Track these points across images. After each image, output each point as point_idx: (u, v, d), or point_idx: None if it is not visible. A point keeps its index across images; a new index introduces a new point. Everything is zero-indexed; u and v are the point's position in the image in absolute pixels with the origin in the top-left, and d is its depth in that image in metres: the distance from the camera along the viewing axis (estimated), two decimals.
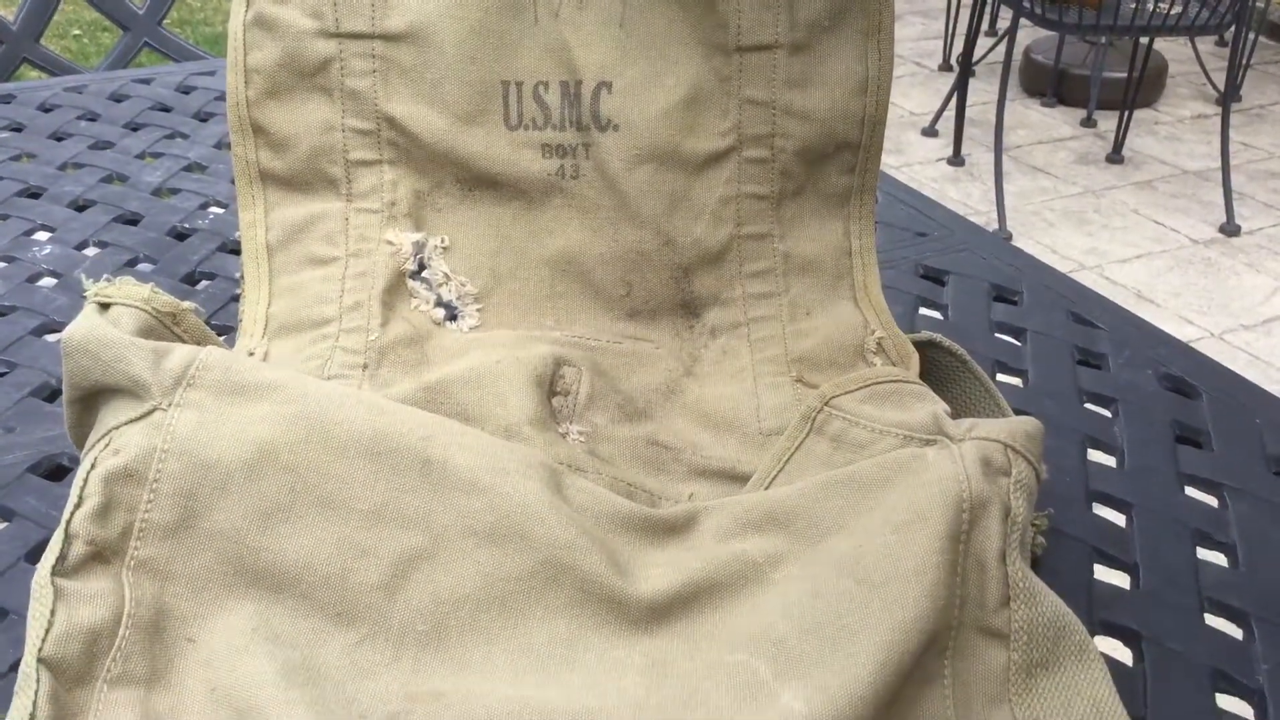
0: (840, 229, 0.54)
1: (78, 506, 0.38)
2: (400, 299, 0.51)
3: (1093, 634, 0.43)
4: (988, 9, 3.25)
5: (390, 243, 0.52)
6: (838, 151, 0.53)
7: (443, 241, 0.52)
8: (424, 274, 0.52)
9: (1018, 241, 2.61)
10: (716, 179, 0.53)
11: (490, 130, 0.52)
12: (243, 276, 0.51)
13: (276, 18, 0.51)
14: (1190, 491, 0.53)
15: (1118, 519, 0.51)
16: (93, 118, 0.86)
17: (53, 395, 0.56)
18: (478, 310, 0.52)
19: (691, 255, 0.53)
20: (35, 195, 0.75)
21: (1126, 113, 2.98)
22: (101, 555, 0.37)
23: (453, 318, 0.52)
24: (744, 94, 0.52)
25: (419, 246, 0.52)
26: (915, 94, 3.38)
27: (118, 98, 0.90)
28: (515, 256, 0.53)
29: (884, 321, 0.53)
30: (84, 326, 0.41)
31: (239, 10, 0.51)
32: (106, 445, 0.39)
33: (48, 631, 0.35)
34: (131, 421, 0.39)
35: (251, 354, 0.48)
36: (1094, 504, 0.52)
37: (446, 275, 0.52)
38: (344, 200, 0.52)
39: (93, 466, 0.38)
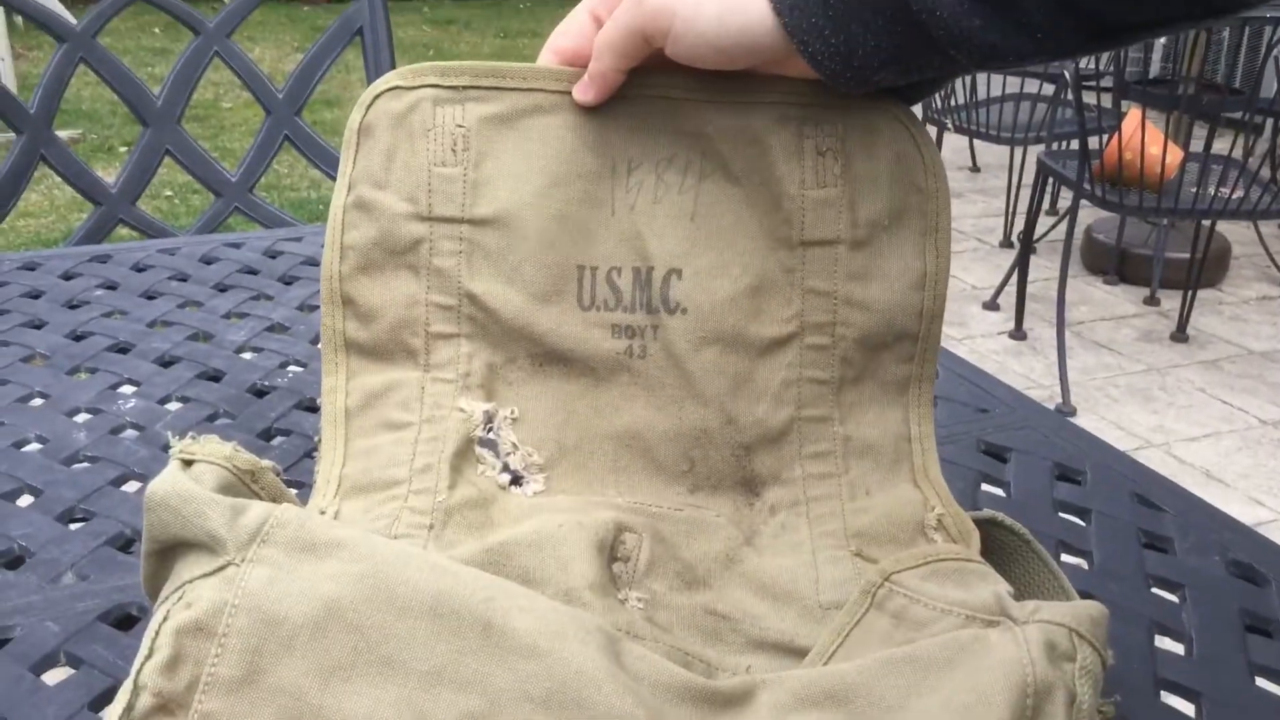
0: (899, 416, 0.56)
1: (148, 658, 0.38)
2: (468, 463, 0.53)
3: None
4: (1048, 189, 3.30)
5: (462, 410, 0.54)
6: (897, 341, 0.56)
7: (512, 413, 0.55)
8: (493, 441, 0.54)
9: (1082, 417, 2.59)
10: (779, 363, 0.55)
11: (564, 309, 0.55)
12: (320, 438, 0.54)
13: (375, 201, 0.55)
14: (1261, 683, 0.51)
15: (1187, 709, 0.50)
16: (183, 278, 0.91)
17: (127, 545, 0.57)
18: (543, 477, 0.53)
19: (753, 435, 0.55)
20: (124, 350, 0.78)
21: (1190, 292, 2.98)
22: (167, 707, 0.38)
23: (518, 483, 0.53)
24: (807, 284, 0.55)
25: (489, 416, 0.54)
26: (977, 269, 3.41)
27: (208, 260, 0.94)
28: (581, 430, 0.55)
29: (944, 499, 0.53)
30: (168, 482, 0.42)
31: (340, 192, 0.55)
32: (180, 598, 0.40)
33: None
34: (206, 576, 0.40)
35: (323, 512, 0.50)
36: (1162, 692, 0.50)
37: (514, 445, 0.54)
38: (421, 370, 0.55)
39: (165, 619, 0.39)
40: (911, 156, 0.55)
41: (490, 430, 0.54)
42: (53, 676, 0.48)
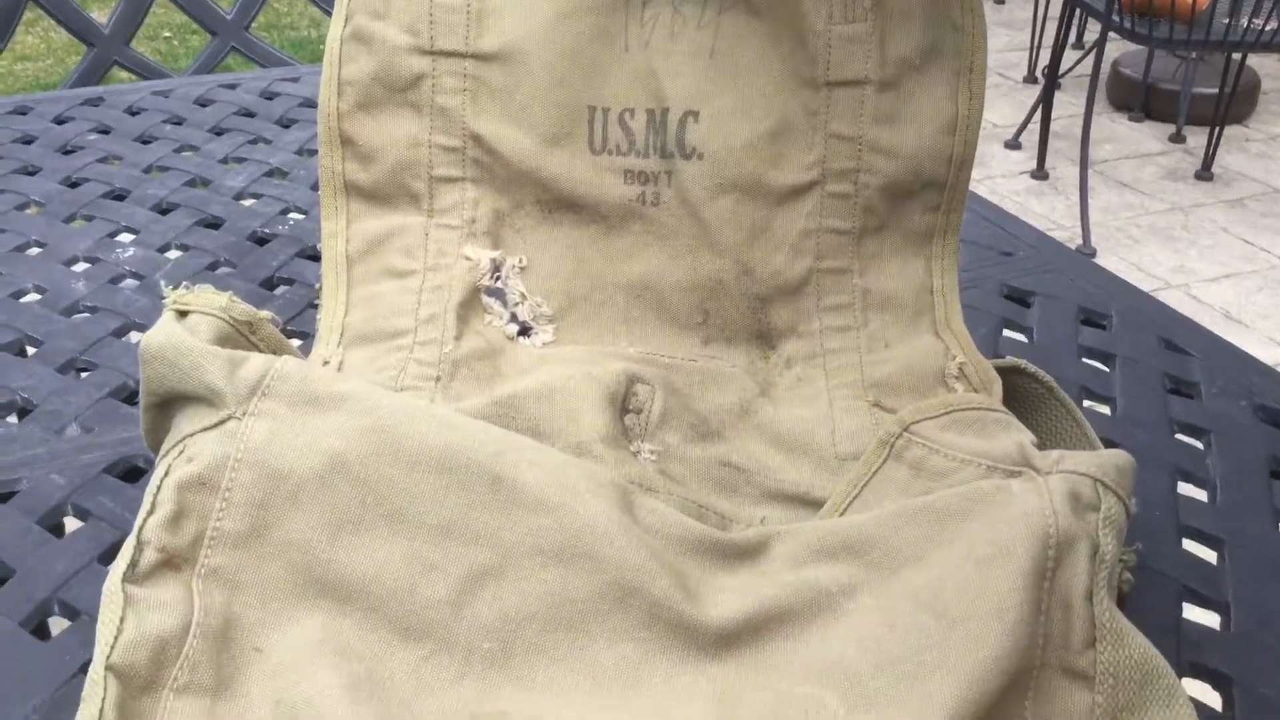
0: (922, 267, 0.54)
1: (150, 513, 0.38)
2: (475, 313, 0.51)
3: (1181, 676, 0.41)
4: (1075, 22, 3.19)
5: (468, 258, 0.52)
6: (923, 190, 0.53)
7: (520, 261, 0.53)
8: (500, 291, 0.52)
9: (1102, 258, 2.56)
10: (798, 212, 0.52)
11: (574, 153, 0.52)
12: (321, 286, 0.52)
13: (373, 33, 0.52)
14: None
15: (1209, 556, 0.49)
16: (178, 122, 0.88)
17: (131, 397, 0.56)
18: (552, 328, 0.52)
19: (769, 286, 0.53)
20: (120, 197, 0.76)
21: (1217, 129, 2.90)
22: (172, 563, 0.37)
23: (526, 334, 0.52)
24: (830, 128, 0.52)
25: (496, 264, 0.52)
26: (999, 106, 3.33)
27: (203, 102, 0.91)
28: (591, 280, 0.53)
29: (965, 348, 0.51)
30: (162, 334, 0.41)
31: (337, 24, 0.52)
32: (181, 453, 0.39)
33: (116, 638, 0.35)
34: (206, 430, 0.40)
35: (326, 363, 0.49)
36: (1184, 540, 0.50)
37: (523, 294, 0.52)
38: (425, 215, 0.53)
39: (166, 473, 0.39)
40: None
41: (497, 279, 0.52)
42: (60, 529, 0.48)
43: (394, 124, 0.52)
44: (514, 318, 0.52)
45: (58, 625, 0.44)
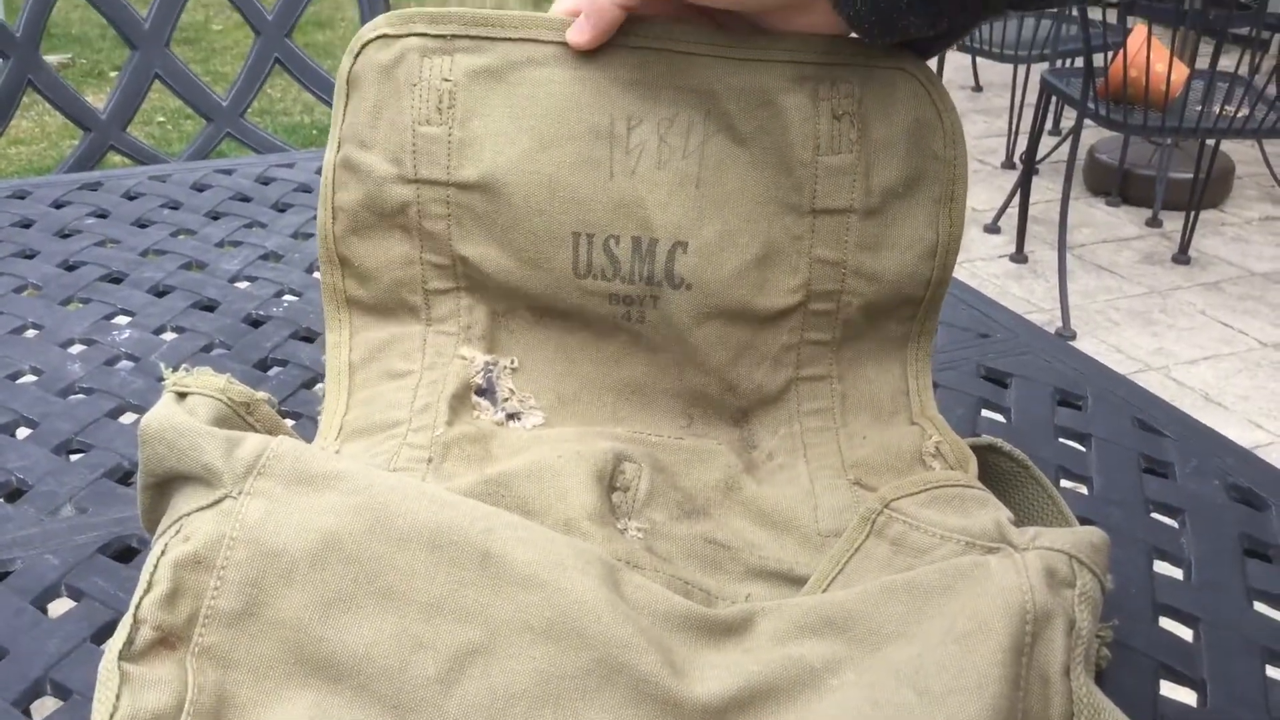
0: (898, 371, 0.55)
1: (147, 592, 0.38)
2: (466, 406, 0.53)
3: None
4: (1051, 109, 3.26)
5: (463, 357, 0.54)
6: (900, 306, 0.55)
7: (512, 362, 0.55)
8: (489, 390, 0.53)
9: (1082, 340, 2.59)
10: (781, 329, 0.54)
11: (558, 276, 0.53)
12: (324, 394, 0.54)
13: (360, 162, 0.53)
14: (1259, 607, 0.52)
15: (1185, 633, 0.50)
16: (175, 206, 0.89)
17: (125, 477, 0.57)
18: (541, 415, 0.54)
19: (753, 399, 0.54)
20: (117, 280, 0.77)
21: (1193, 213, 2.96)
22: (168, 641, 0.38)
23: (515, 418, 0.53)
24: (815, 253, 0.53)
25: (490, 365, 0.54)
26: (978, 191, 3.39)
27: (200, 187, 0.93)
28: (580, 381, 0.55)
29: (940, 429, 0.53)
30: (161, 415, 0.42)
31: (331, 150, 0.54)
32: (178, 531, 0.40)
33: (112, 716, 0.35)
34: (203, 509, 0.40)
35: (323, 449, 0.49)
36: (1160, 617, 0.51)
37: (511, 390, 0.54)
38: (423, 324, 0.55)
39: (163, 553, 0.39)
40: (930, 121, 0.53)
41: (489, 380, 0.54)
42: (54, 609, 0.49)
43: (386, 246, 0.54)
44: (506, 413, 0.53)
45: (50, 705, 0.44)
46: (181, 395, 0.43)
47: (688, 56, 0.52)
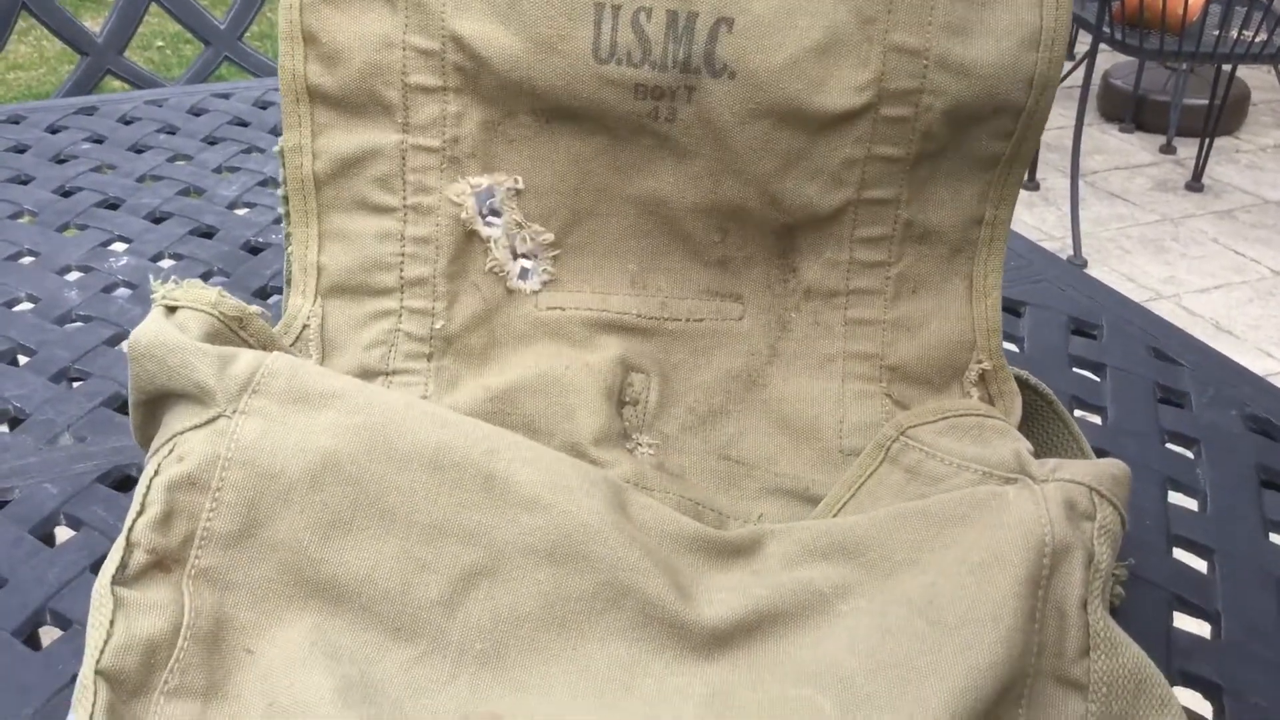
0: (977, 194, 0.48)
1: (140, 514, 0.37)
2: (464, 269, 0.48)
3: (1171, 685, 0.41)
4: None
5: (454, 201, 0.47)
6: (995, 115, 0.46)
7: (515, 183, 0.47)
8: (495, 222, 0.48)
9: (1093, 268, 2.56)
10: (844, 139, 0.46)
11: (574, 61, 0.45)
12: (287, 214, 0.48)
13: None
14: (1275, 538, 0.51)
15: (1199, 565, 0.49)
16: (172, 131, 0.88)
17: (124, 406, 0.56)
18: (552, 259, 0.48)
19: (800, 216, 0.47)
20: (114, 206, 0.76)
21: (1207, 140, 2.92)
22: (162, 564, 0.37)
23: (524, 276, 0.48)
24: (891, 39, 0.45)
25: (487, 195, 0.47)
26: None
27: (197, 111, 0.91)
28: (597, 193, 0.48)
29: (993, 348, 0.49)
30: (150, 330, 0.40)
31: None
32: (170, 451, 0.39)
33: (106, 642, 0.35)
34: (196, 428, 0.39)
35: (307, 325, 0.47)
36: (1175, 549, 0.50)
37: (518, 223, 0.47)
38: (400, 131, 0.47)
39: (156, 473, 0.38)
40: None
41: (490, 208, 0.47)
42: (53, 539, 0.48)
43: (363, 18, 0.45)
44: (514, 253, 0.48)
45: (50, 635, 0.44)
46: (171, 309, 0.42)
47: None
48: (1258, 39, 2.42)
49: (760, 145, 0.46)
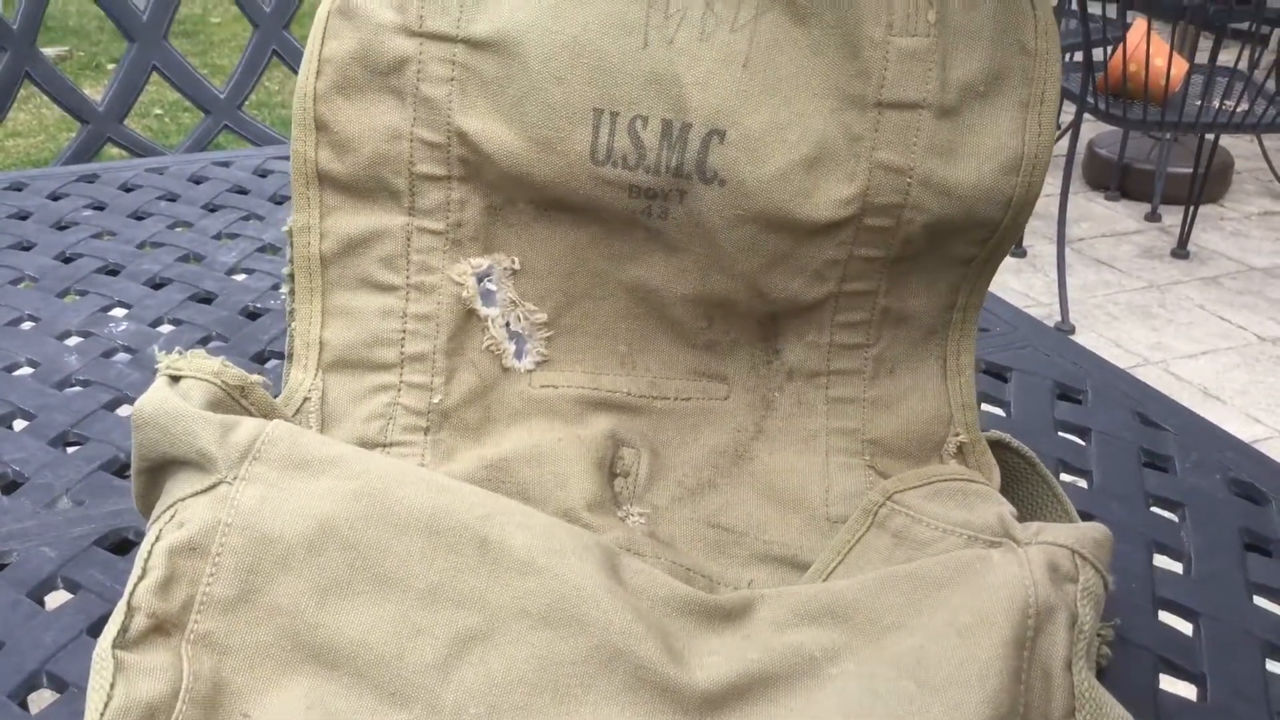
0: (951, 286, 0.50)
1: (141, 578, 0.38)
2: (467, 339, 0.49)
3: None
4: None
5: (455, 281, 0.49)
6: (973, 228, 0.48)
7: (513, 263, 0.49)
8: (491, 301, 0.49)
9: (1081, 334, 2.58)
10: (828, 243, 0.48)
11: (572, 161, 0.46)
12: (292, 292, 0.49)
13: (359, 7, 0.47)
14: (1259, 601, 0.51)
15: (1185, 627, 0.50)
16: (172, 198, 0.89)
17: (122, 469, 0.57)
18: (546, 340, 0.50)
19: (784, 305, 0.49)
20: (114, 273, 0.77)
21: (1191, 208, 2.95)
22: (162, 628, 0.38)
23: (519, 355, 0.50)
24: (876, 156, 0.46)
25: (485, 275, 0.49)
26: None
27: (197, 179, 0.93)
28: (590, 278, 0.49)
29: (969, 422, 0.50)
30: (155, 399, 0.41)
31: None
32: (172, 517, 0.40)
33: (106, 705, 0.35)
34: (197, 494, 0.40)
35: (307, 398, 0.48)
36: (1160, 611, 0.51)
37: (513, 301, 0.49)
38: (406, 214, 0.48)
39: (157, 539, 0.39)
40: (1021, 8, 0.46)
41: (486, 289, 0.49)
42: (50, 602, 0.48)
43: (373, 112, 0.47)
44: (509, 332, 0.49)
45: (45, 698, 0.44)
46: (175, 379, 0.43)
47: None
48: (1239, 109, 2.46)
49: (747, 246, 0.47)
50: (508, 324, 0.49)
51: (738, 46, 0.45)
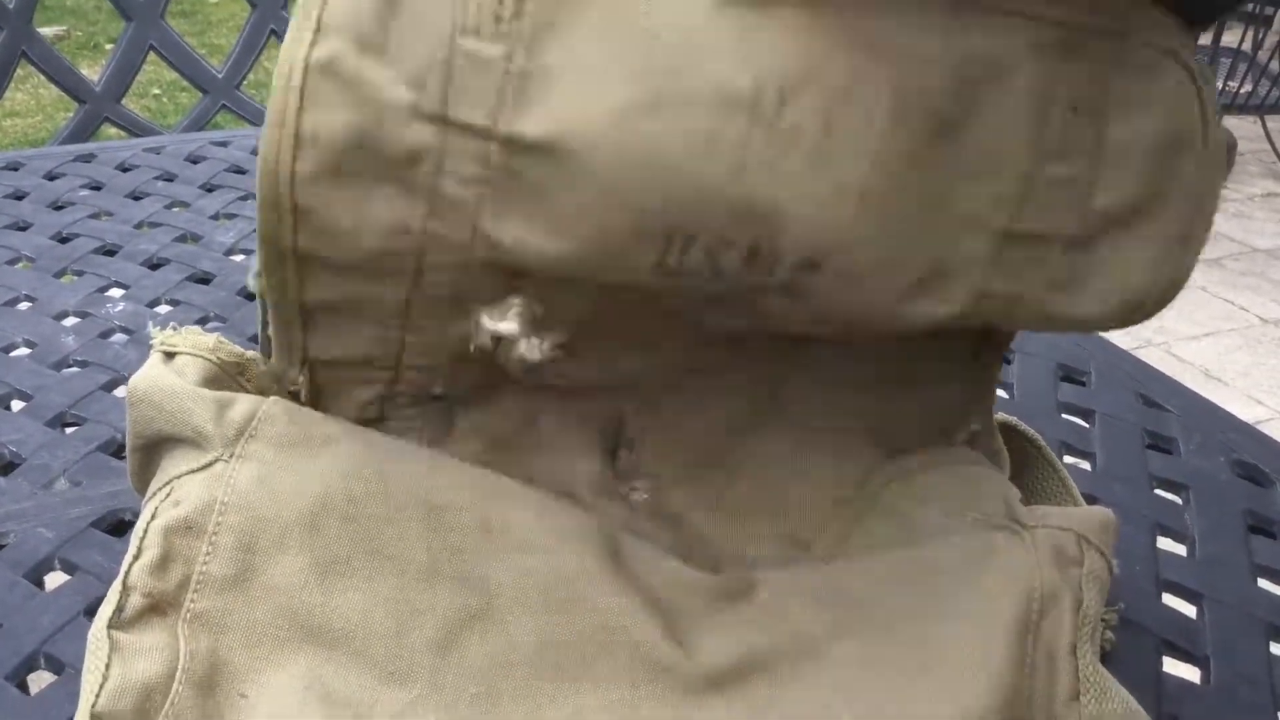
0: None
1: (136, 558, 0.38)
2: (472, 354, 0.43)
3: None
4: None
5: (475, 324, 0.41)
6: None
7: (535, 311, 0.40)
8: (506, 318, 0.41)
9: None
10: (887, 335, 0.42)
11: (631, 271, 0.36)
12: (260, 291, 0.40)
13: (358, 74, 0.34)
14: (1263, 583, 0.51)
15: (1188, 610, 0.50)
16: (170, 178, 0.89)
17: (119, 450, 0.56)
18: (560, 345, 0.42)
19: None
20: (111, 253, 0.76)
21: None
22: (158, 608, 0.37)
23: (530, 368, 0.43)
24: (987, 285, 0.38)
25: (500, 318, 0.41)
26: None
27: (195, 159, 0.92)
28: (616, 312, 0.41)
29: (984, 410, 0.48)
30: (149, 376, 0.41)
31: (302, 39, 0.34)
32: (167, 496, 0.39)
33: (102, 686, 0.35)
34: (193, 472, 0.39)
35: (295, 388, 0.43)
36: (1164, 594, 0.50)
37: (532, 323, 0.41)
38: (409, 290, 0.39)
39: (153, 517, 0.38)
40: (1188, 133, 0.37)
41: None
42: (48, 583, 0.48)
43: (374, 205, 0.36)
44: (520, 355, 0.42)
45: (43, 679, 0.44)
46: (170, 355, 0.42)
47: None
48: (1243, 90, 2.45)
49: (806, 326, 0.40)
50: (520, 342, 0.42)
51: (858, 171, 0.35)
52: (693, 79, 0.33)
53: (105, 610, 0.37)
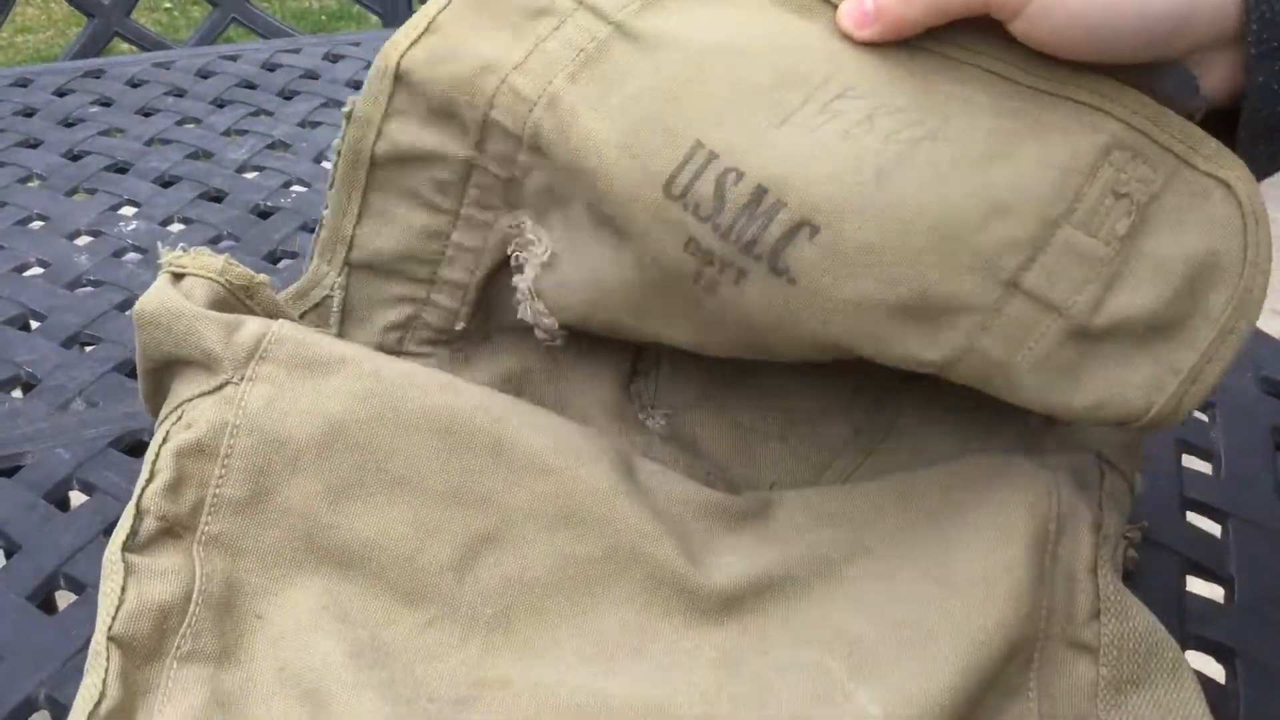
0: None
1: (149, 481, 0.38)
2: (503, 280, 0.46)
3: (1184, 649, 0.41)
4: None
5: (514, 227, 0.44)
6: None
7: (547, 255, 0.44)
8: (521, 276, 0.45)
9: None
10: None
11: (644, 180, 0.38)
12: (332, 183, 0.45)
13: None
14: None
15: (1213, 529, 0.49)
16: (180, 94, 0.87)
17: (135, 371, 0.55)
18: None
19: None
20: (122, 170, 0.76)
21: None
22: (173, 530, 0.37)
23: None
24: (978, 340, 0.37)
25: (524, 242, 0.44)
26: None
27: (205, 74, 0.91)
28: (613, 312, 0.43)
29: None
30: (156, 298, 0.40)
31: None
32: (179, 419, 0.39)
33: (118, 609, 0.35)
34: (203, 395, 0.39)
35: (329, 295, 0.45)
36: (1188, 512, 0.50)
37: (532, 294, 0.44)
38: (472, 149, 0.43)
39: (164, 441, 0.38)
40: (1228, 266, 0.37)
41: (519, 261, 0.45)
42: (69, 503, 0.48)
43: (483, 37, 0.42)
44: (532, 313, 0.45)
45: (64, 599, 0.44)
46: (178, 276, 0.42)
47: (950, 63, 0.38)
48: None
49: (789, 348, 0.40)
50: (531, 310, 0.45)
51: (881, 159, 0.36)
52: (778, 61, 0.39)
53: (119, 534, 0.37)
